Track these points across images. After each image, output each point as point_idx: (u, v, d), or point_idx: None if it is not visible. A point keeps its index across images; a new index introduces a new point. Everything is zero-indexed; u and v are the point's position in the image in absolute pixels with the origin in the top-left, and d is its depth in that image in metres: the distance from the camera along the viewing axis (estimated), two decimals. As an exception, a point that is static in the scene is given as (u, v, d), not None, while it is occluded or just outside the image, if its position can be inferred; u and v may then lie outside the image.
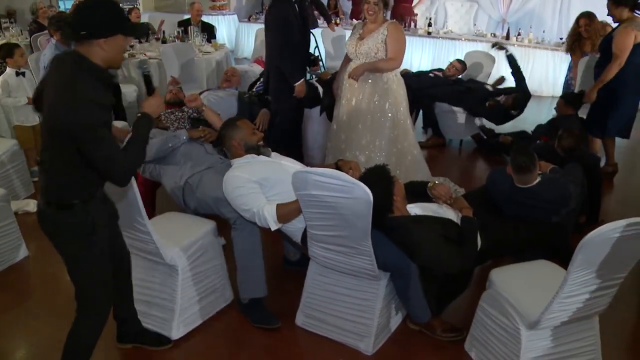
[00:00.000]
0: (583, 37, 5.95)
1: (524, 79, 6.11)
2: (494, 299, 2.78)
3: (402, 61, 4.40)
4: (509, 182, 3.39)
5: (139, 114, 2.29)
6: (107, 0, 2.14)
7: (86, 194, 2.24)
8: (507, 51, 6.14)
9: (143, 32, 2.38)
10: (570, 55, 6.30)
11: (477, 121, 6.35)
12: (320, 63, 6.64)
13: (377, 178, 2.88)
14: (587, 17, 5.91)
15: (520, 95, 5.90)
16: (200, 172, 3.52)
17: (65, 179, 2.19)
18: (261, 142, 3.36)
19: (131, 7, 8.60)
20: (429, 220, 2.97)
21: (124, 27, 2.18)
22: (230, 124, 3.49)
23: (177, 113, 4.29)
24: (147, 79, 2.33)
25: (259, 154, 3.28)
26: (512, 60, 6.11)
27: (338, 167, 3.10)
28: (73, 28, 2.07)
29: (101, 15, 2.07)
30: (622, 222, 2.19)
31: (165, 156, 3.69)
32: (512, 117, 6.03)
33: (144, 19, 9.47)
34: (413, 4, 10.19)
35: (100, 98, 2.07)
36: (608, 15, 5.06)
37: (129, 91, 6.49)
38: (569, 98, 5.24)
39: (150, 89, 2.39)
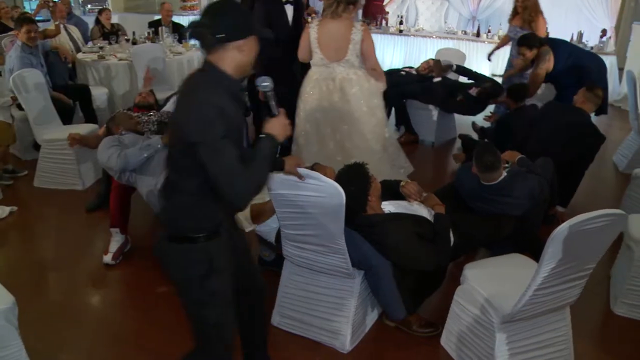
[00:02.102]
0: (518, 12, 6.07)
1: (482, 76, 6.25)
2: (469, 294, 2.82)
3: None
4: (476, 179, 3.44)
5: (263, 135, 2.05)
6: (235, 1, 2.03)
7: (211, 226, 2.06)
8: (452, 67, 6.31)
9: (270, 34, 2.25)
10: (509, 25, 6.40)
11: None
12: None
13: (353, 176, 2.90)
14: None
15: (492, 85, 5.99)
16: None
17: (189, 206, 2.02)
18: None
19: (101, 7, 8.48)
20: (402, 218, 2.99)
21: (256, 28, 2.04)
22: None
23: (143, 117, 4.27)
24: (269, 98, 2.06)
25: None
26: (462, 70, 6.31)
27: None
28: (211, 32, 1.89)
29: (236, 16, 1.95)
30: (589, 214, 2.23)
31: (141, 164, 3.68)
32: (484, 107, 6.06)
33: (113, 20, 9.33)
34: (384, 2, 10.24)
35: (229, 109, 1.90)
36: (520, 57, 5.30)
37: (100, 94, 6.43)
38: (514, 93, 5.30)
39: (272, 109, 2.09)
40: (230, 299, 2.18)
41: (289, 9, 4.92)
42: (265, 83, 2.05)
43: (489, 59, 6.88)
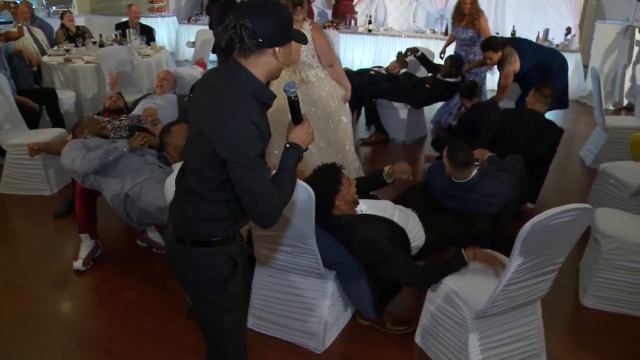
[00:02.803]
0: (464, 13, 6.24)
1: (437, 66, 6.39)
2: (441, 290, 2.84)
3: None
4: (447, 177, 3.47)
5: (287, 144, 1.94)
6: (277, 3, 1.87)
7: (231, 232, 2.00)
8: (417, 52, 6.50)
9: (305, 39, 2.14)
10: (452, 26, 6.59)
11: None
12: None
13: (323, 178, 2.90)
14: None
15: (452, 62, 6.11)
16: (141, 183, 3.50)
17: (215, 215, 1.94)
18: None
19: (65, 10, 8.34)
20: (373, 219, 2.99)
21: (294, 34, 1.90)
22: (165, 131, 3.55)
23: (114, 122, 4.21)
24: (295, 105, 1.96)
25: None
26: (423, 60, 6.47)
27: None
28: (250, 34, 1.75)
29: (278, 20, 1.80)
30: (557, 209, 2.27)
31: (104, 167, 3.62)
32: (454, 88, 6.07)
33: (79, 22, 9.20)
34: (354, 2, 10.26)
35: (260, 121, 1.79)
36: (487, 60, 5.35)
37: (67, 97, 6.32)
38: (465, 92, 5.40)
39: (297, 116, 1.99)
40: (245, 303, 2.18)
41: None
42: (292, 89, 1.93)
43: (441, 57, 6.97)
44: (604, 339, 3.18)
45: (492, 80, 7.10)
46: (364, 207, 3.08)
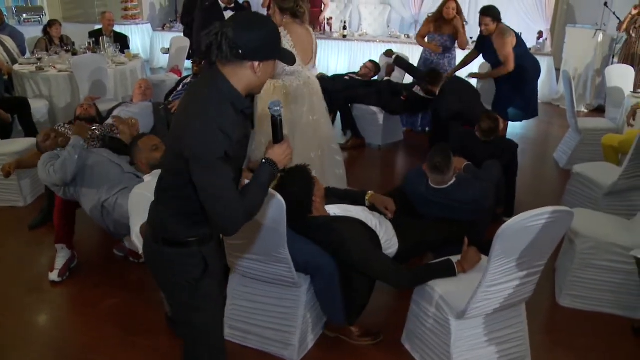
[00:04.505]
0: (444, 18, 6.29)
1: (419, 71, 6.41)
2: (425, 292, 2.86)
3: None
4: (425, 182, 3.49)
5: (263, 160, 1.96)
6: (269, 20, 1.94)
7: (205, 232, 2.01)
8: (393, 55, 6.60)
9: (293, 59, 2.10)
10: (429, 27, 6.54)
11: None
12: None
13: (297, 178, 2.89)
14: (456, 2, 6.32)
15: (430, 76, 6.09)
16: (116, 194, 3.49)
17: (186, 212, 1.96)
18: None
19: (51, 20, 8.14)
20: (350, 221, 3.00)
21: (280, 52, 1.93)
22: (133, 145, 3.58)
23: (88, 132, 4.14)
24: (277, 124, 1.96)
25: None
26: (401, 63, 6.50)
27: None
28: (231, 44, 1.77)
29: (262, 35, 1.82)
30: (535, 211, 2.31)
31: (82, 177, 3.58)
32: (429, 103, 6.14)
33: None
34: (322, 9, 10.22)
35: (230, 129, 1.80)
36: (482, 26, 5.52)
37: (39, 106, 6.22)
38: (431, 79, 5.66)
39: (278, 135, 1.99)
40: (220, 304, 2.19)
41: (229, 14, 4.87)
42: (277, 107, 1.95)
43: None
44: (581, 338, 3.23)
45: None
46: (338, 210, 3.08)
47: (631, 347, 3.15)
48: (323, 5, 9.89)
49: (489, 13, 5.39)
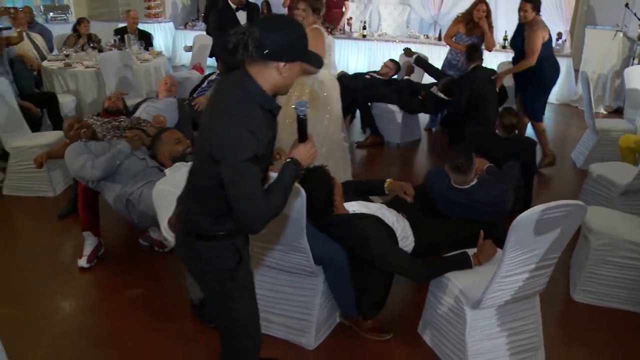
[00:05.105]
0: (474, 21, 6.31)
1: (438, 71, 6.53)
2: (442, 283, 2.95)
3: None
4: (446, 182, 3.55)
5: (288, 159, 2.03)
6: (295, 22, 1.98)
7: (231, 226, 2.07)
8: (413, 56, 6.68)
9: (321, 63, 2.19)
10: (457, 28, 6.54)
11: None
12: None
13: (317, 178, 2.97)
14: (487, 4, 6.35)
15: (449, 81, 6.20)
16: (141, 188, 3.61)
17: (220, 211, 2.01)
18: (188, 149, 3.58)
19: (80, 18, 8.34)
20: (368, 217, 3.08)
21: (307, 54, 1.96)
22: (156, 139, 3.68)
23: (113, 122, 4.30)
24: (303, 123, 2.04)
25: (187, 160, 3.42)
26: (421, 62, 6.59)
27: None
28: (255, 44, 1.82)
29: (287, 36, 1.87)
30: (549, 204, 2.39)
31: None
32: (445, 104, 6.27)
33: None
34: (343, 10, 10.32)
35: (258, 130, 1.85)
36: (521, 12, 5.45)
37: (67, 101, 6.41)
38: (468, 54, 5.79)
39: (303, 135, 2.07)
40: (254, 292, 2.26)
41: (242, 15, 4.96)
42: (303, 107, 2.02)
43: None
44: (595, 332, 3.30)
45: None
46: (357, 207, 3.16)
47: (643, 342, 3.22)
48: (344, 7, 10.00)
49: (531, 0, 5.37)
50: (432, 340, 3.08)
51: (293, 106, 2.06)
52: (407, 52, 6.84)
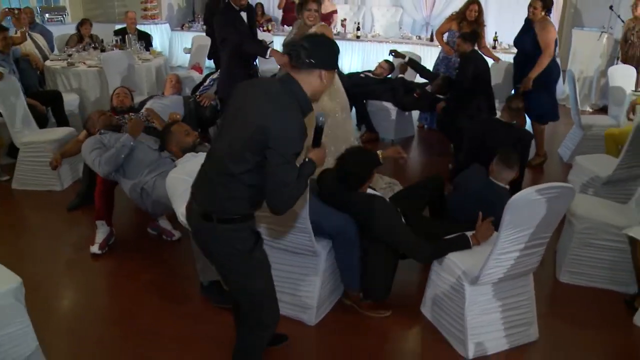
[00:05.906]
0: (467, 19, 6.59)
1: (431, 73, 6.79)
2: (443, 262, 3.16)
3: None
4: (483, 179, 3.70)
5: (306, 159, 2.31)
6: (333, 40, 2.41)
7: (251, 210, 2.36)
8: (404, 58, 6.86)
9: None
10: (450, 25, 6.85)
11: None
12: None
13: (366, 156, 3.30)
14: (479, 4, 6.62)
15: (443, 82, 6.45)
16: (154, 177, 3.82)
17: (244, 195, 2.26)
18: (197, 140, 3.82)
19: (81, 19, 8.50)
20: (382, 198, 3.30)
21: (337, 66, 2.41)
22: (166, 131, 3.89)
23: (121, 120, 4.49)
24: (320, 131, 2.35)
25: (196, 151, 3.62)
26: (413, 64, 6.82)
27: None
28: (306, 54, 2.19)
29: (329, 51, 2.28)
30: (540, 186, 2.62)
31: (124, 162, 3.92)
32: (439, 102, 6.45)
33: (73, 29, 9.34)
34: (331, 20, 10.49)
35: (304, 128, 2.16)
36: (530, 8, 5.67)
37: (71, 99, 6.58)
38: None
39: (318, 141, 2.37)
40: (270, 268, 2.48)
41: (242, 15, 5.19)
42: (322, 118, 2.34)
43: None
44: (579, 310, 3.54)
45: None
46: (371, 191, 3.42)
47: (623, 318, 3.45)
48: (332, 19, 10.21)
49: None
50: (433, 315, 3.29)
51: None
52: (396, 53, 6.96)
